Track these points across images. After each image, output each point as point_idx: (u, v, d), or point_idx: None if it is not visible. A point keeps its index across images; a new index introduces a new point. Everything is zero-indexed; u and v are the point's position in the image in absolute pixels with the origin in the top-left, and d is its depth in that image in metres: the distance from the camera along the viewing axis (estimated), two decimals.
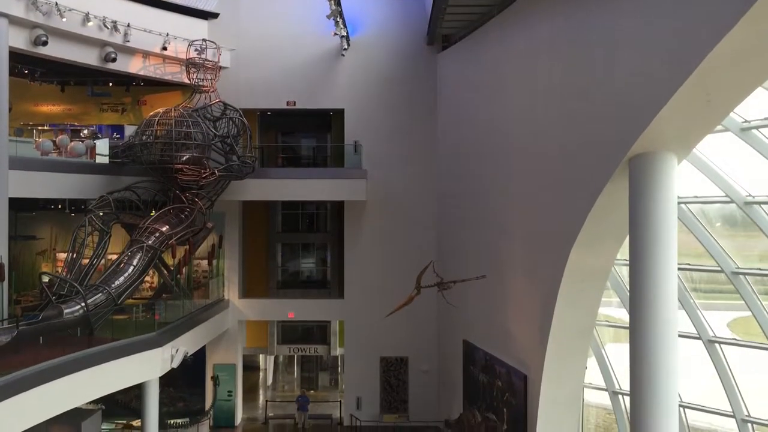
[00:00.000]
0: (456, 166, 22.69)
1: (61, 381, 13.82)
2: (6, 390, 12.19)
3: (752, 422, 13.90)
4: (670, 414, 12.02)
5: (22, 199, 20.28)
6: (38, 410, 13.19)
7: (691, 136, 10.36)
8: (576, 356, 16.26)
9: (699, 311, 14.16)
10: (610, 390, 16.87)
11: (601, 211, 13.11)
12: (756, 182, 11.58)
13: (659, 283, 11.94)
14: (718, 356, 14.05)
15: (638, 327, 12.13)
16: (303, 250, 28.90)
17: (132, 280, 18.45)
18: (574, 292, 15.24)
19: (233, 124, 22.53)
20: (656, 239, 11.57)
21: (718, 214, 14.36)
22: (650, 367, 12.00)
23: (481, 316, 20.65)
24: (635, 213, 11.60)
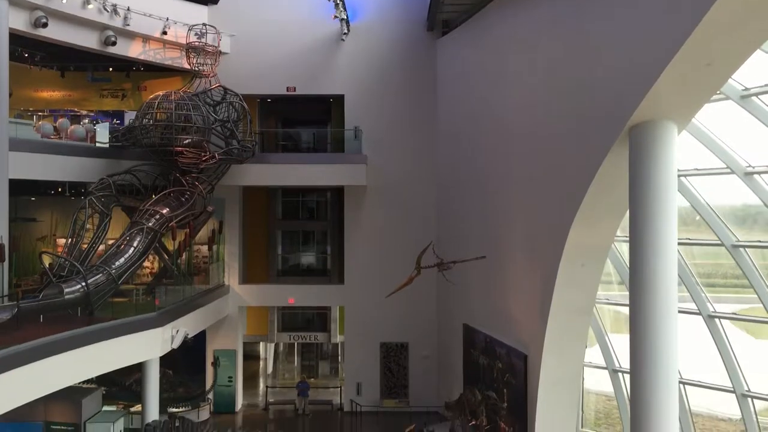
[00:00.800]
0: (456, 150, 22.69)
1: (61, 356, 13.85)
2: (6, 362, 12.20)
3: (752, 397, 13.91)
4: (670, 391, 12.03)
5: (22, 184, 20.29)
6: (38, 384, 13.22)
7: (692, 102, 10.36)
8: (576, 335, 16.29)
9: (699, 287, 14.16)
10: (610, 368, 16.87)
11: (601, 186, 13.13)
12: (756, 153, 11.57)
13: (659, 257, 11.94)
14: (718, 332, 14.05)
15: (638, 302, 12.13)
16: (303, 238, 28.91)
17: (132, 261, 18.45)
18: (573, 271, 15.27)
19: (233, 109, 22.52)
20: (657, 211, 11.56)
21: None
22: (650, 342, 12.01)
23: (481, 299, 20.68)
24: (635, 184, 11.60)
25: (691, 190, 13.31)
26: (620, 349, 17.71)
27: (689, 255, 14.73)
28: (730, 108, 11.51)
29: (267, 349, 31.74)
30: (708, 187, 12.93)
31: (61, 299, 16.11)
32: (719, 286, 15.12)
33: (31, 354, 12.95)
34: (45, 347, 13.41)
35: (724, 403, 18.48)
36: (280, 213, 28.52)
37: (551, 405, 16.58)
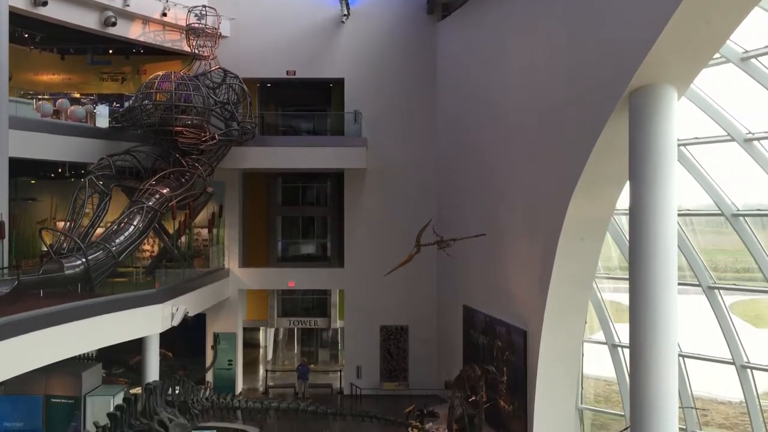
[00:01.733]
0: (456, 132, 22.72)
1: (61, 327, 13.83)
2: (6, 330, 12.20)
3: (751, 368, 13.93)
4: (670, 363, 11.99)
5: (22, 165, 20.29)
6: (38, 354, 13.21)
7: (692, 63, 10.37)
8: (575, 309, 16.30)
9: (699, 258, 14.17)
10: (609, 343, 16.90)
11: (601, 155, 13.14)
12: (756, 119, 11.58)
13: (659, 227, 11.93)
14: (718, 304, 14.07)
15: (638, 272, 12.13)
16: (303, 225, 28.95)
17: (132, 239, 18.44)
18: (573, 245, 15.28)
19: (233, 91, 22.53)
20: (656, 178, 11.55)
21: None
22: (650, 314, 12.00)
23: (481, 279, 20.71)
24: (635, 151, 11.59)
25: (691, 160, 13.34)
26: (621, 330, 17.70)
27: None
28: (730, 72, 11.53)
29: (267, 336, 31.75)
30: (707, 155, 12.96)
31: (62, 274, 16.10)
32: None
33: (32, 323, 12.94)
34: (45, 317, 13.39)
35: (724, 386, 18.60)
36: (280, 199, 28.55)
37: (551, 381, 16.60)
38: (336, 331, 30.89)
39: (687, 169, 13.26)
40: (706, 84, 11.93)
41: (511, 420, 18.06)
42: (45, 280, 15.78)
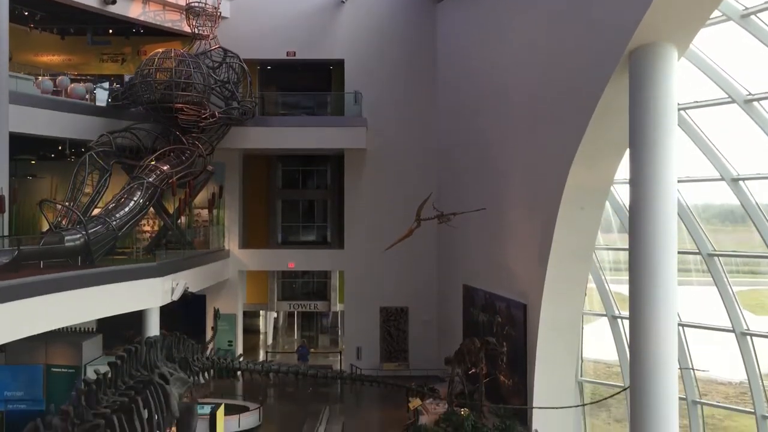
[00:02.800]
0: (456, 110, 22.72)
1: (62, 294, 13.82)
2: (6, 293, 12.20)
3: (751, 335, 13.94)
4: (669, 333, 11.97)
5: (23, 145, 20.33)
6: (39, 319, 13.18)
7: (691, 20, 10.36)
8: (575, 281, 16.32)
9: (699, 226, 14.18)
10: (609, 315, 16.91)
11: (602, 120, 13.17)
12: (756, 78, 11.58)
13: (659, 192, 11.94)
14: (717, 271, 14.08)
15: (637, 240, 12.12)
16: (303, 208, 28.94)
17: (132, 214, 18.47)
18: (573, 215, 15.30)
19: (233, 70, 22.53)
20: (657, 139, 11.55)
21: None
22: (649, 282, 11.99)
23: (480, 257, 20.72)
24: (636, 113, 11.59)
25: (691, 125, 13.34)
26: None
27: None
28: (730, 32, 11.53)
29: (267, 322, 31.76)
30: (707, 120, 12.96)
31: (62, 246, 16.10)
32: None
33: (32, 288, 12.93)
34: (46, 283, 13.40)
35: (724, 367, 18.62)
36: (280, 183, 28.55)
37: (550, 353, 16.61)
38: (336, 316, 30.93)
39: (687, 133, 13.26)
40: (705, 45, 11.92)
41: (511, 395, 18.08)
42: (45, 251, 15.79)
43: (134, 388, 8.81)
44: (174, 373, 9.74)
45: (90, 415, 8.01)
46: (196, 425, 10.19)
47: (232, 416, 18.26)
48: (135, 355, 9.23)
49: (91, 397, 8.24)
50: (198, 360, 10.87)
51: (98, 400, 8.28)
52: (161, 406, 9.09)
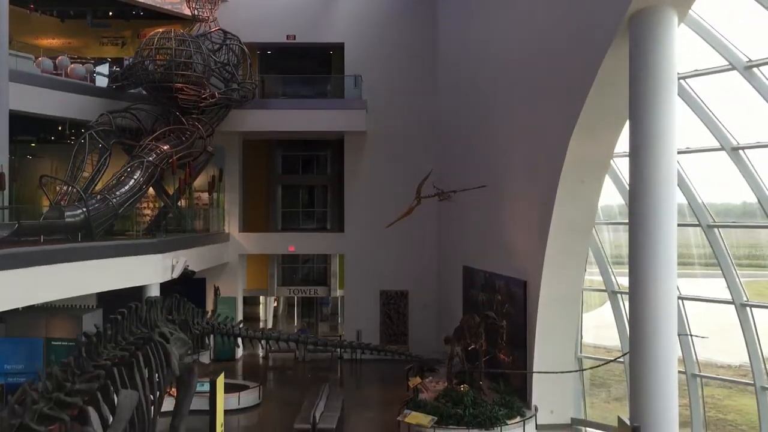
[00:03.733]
0: (455, 91, 22.71)
1: (61, 266, 13.83)
2: (6, 261, 12.21)
3: (750, 306, 13.94)
4: (669, 302, 11.95)
5: (23, 126, 20.35)
6: (38, 289, 13.18)
7: None
8: (575, 255, 16.32)
9: (698, 196, 14.17)
10: (609, 290, 16.91)
11: (602, 89, 13.14)
12: (756, 45, 11.58)
13: (659, 162, 11.93)
14: (717, 242, 14.07)
15: (637, 211, 12.11)
16: (303, 194, 28.95)
17: (133, 192, 18.49)
18: (573, 188, 15.30)
19: (233, 53, 22.54)
20: (657, 106, 11.54)
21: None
22: (649, 255, 11.98)
23: (480, 237, 20.71)
24: (636, 79, 11.56)
25: (691, 94, 13.32)
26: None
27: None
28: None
29: (267, 310, 31.72)
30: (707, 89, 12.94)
31: (62, 221, 16.12)
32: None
33: (31, 258, 12.95)
34: (46, 254, 13.43)
35: (723, 351, 18.63)
36: (280, 168, 28.56)
37: (550, 329, 16.62)
38: (336, 304, 30.91)
39: (686, 102, 13.24)
40: (705, 11, 11.92)
41: (510, 373, 18.08)
42: (45, 226, 15.79)
43: (134, 344, 8.81)
44: (174, 333, 9.75)
45: (90, 366, 8.03)
46: (196, 385, 10.20)
47: (232, 394, 18.30)
48: (135, 312, 9.24)
49: (91, 349, 8.26)
50: (198, 324, 10.86)
51: (98, 353, 8.30)
52: (161, 363, 9.09)
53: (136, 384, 8.48)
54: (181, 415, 9.72)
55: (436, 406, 16.14)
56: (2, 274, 11.99)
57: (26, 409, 7.16)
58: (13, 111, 17.68)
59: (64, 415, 7.34)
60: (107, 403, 7.94)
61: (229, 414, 16.22)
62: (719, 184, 13.93)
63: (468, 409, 15.63)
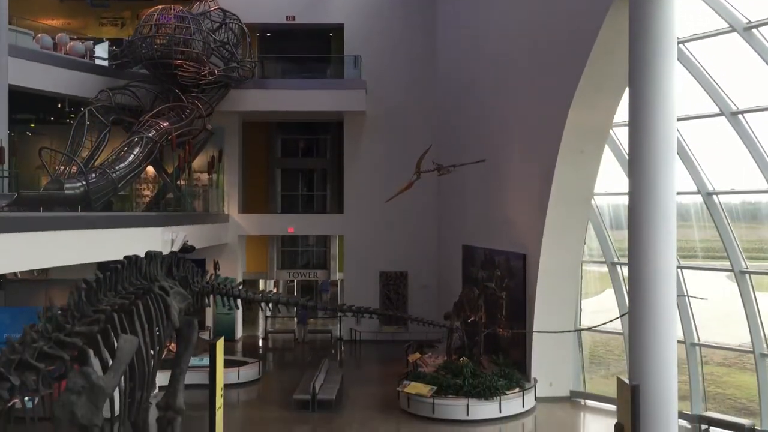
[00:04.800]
0: (455, 68, 22.72)
1: (60, 233, 13.75)
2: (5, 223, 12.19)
3: (749, 273, 13.95)
4: (668, 269, 11.85)
5: (22, 104, 20.33)
6: (36, 255, 13.09)
7: None
8: (575, 226, 16.35)
9: (698, 165, 14.17)
10: (608, 261, 16.91)
11: (601, 56, 13.18)
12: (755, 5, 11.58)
13: (658, 128, 11.91)
14: (717, 211, 14.08)
15: (637, 180, 12.07)
16: (303, 177, 28.97)
17: (132, 168, 18.50)
18: (572, 158, 15.32)
19: (232, 32, 22.53)
20: (657, 69, 11.50)
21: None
22: (648, 223, 11.95)
23: (480, 215, 20.72)
24: (635, 42, 11.56)
25: (689, 58, 13.32)
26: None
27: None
28: None
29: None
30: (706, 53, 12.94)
31: (62, 193, 16.11)
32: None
33: (31, 223, 12.90)
34: (45, 220, 13.40)
35: (723, 334, 18.68)
36: (279, 152, 28.57)
37: (550, 302, 16.63)
38: (336, 290, 30.90)
39: (686, 66, 13.24)
40: None
41: (509, 347, 18.11)
42: (44, 197, 15.79)
43: (134, 294, 8.82)
44: (174, 288, 9.75)
45: (90, 311, 8.04)
46: (195, 339, 10.21)
47: (232, 368, 18.34)
48: (135, 264, 9.24)
49: (91, 294, 8.27)
50: (198, 283, 10.87)
51: (98, 300, 8.31)
52: (161, 314, 9.10)
53: (136, 331, 8.49)
54: (181, 368, 9.72)
55: (435, 377, 16.17)
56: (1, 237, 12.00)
57: (26, 346, 7.17)
58: (13, 86, 17.69)
59: (64, 354, 7.35)
60: (107, 348, 7.94)
61: (228, 388, 16.21)
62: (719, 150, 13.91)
63: (467, 380, 15.66)
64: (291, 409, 16.05)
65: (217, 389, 12.90)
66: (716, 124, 13.37)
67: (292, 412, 15.96)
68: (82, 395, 7.35)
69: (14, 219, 12.50)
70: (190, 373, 15.87)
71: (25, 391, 6.97)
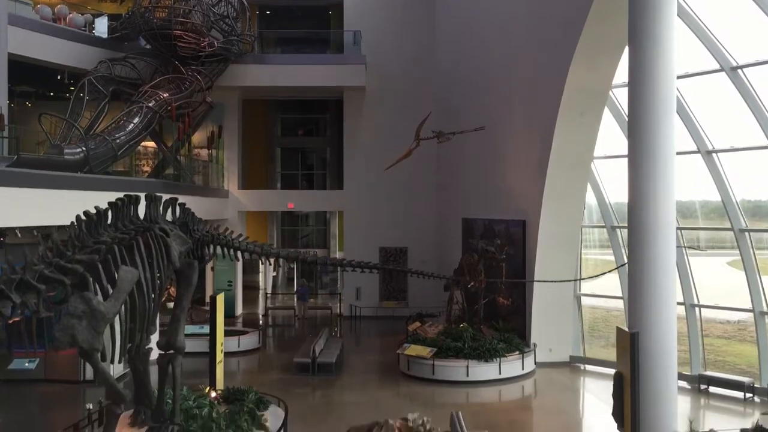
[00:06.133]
0: (455, 40, 22.75)
1: (60, 191, 13.82)
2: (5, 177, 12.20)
3: (749, 231, 13.97)
4: (668, 234, 11.80)
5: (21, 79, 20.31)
6: (30, 212, 13.10)
7: None
8: (574, 190, 16.37)
9: (697, 123, 14.18)
10: (608, 225, 16.94)
11: (600, 15, 13.18)
12: None
13: (659, 86, 11.88)
14: (716, 169, 14.10)
15: (636, 139, 12.04)
16: (302, 156, 28.98)
17: (132, 136, 18.45)
18: (572, 120, 15.34)
19: (232, 7, 22.50)
20: (657, 27, 11.50)
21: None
22: (648, 183, 11.94)
23: (479, 186, 20.71)
24: None
25: (689, 12, 13.33)
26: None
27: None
28: None
29: (266, 279, 31.69)
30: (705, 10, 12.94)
31: (61, 158, 16.09)
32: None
33: (29, 179, 12.93)
34: (44, 178, 13.43)
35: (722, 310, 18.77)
36: (279, 130, 28.56)
37: (549, 267, 16.65)
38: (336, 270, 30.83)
39: (685, 21, 13.24)
40: None
41: (510, 315, 18.13)
42: (44, 161, 15.78)
43: (135, 230, 8.81)
44: (174, 230, 9.75)
45: (90, 242, 8.04)
46: (196, 281, 10.20)
47: (232, 337, 18.38)
48: (135, 204, 9.23)
49: (92, 227, 8.26)
50: (198, 231, 10.85)
51: (98, 233, 8.30)
52: (162, 254, 9.09)
53: (137, 266, 8.48)
54: (182, 307, 9.69)
55: (435, 341, 16.20)
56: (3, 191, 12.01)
57: (27, 268, 7.18)
58: (12, 56, 17.69)
59: (65, 278, 7.35)
60: (108, 279, 7.94)
61: (229, 356, 16.29)
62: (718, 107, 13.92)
63: (467, 343, 15.70)
64: (291, 373, 16.10)
65: (217, 343, 12.98)
66: (716, 81, 13.39)
67: (292, 375, 16.00)
68: (83, 319, 7.36)
69: (14, 174, 12.52)
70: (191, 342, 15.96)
71: (25, 310, 6.97)
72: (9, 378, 14.93)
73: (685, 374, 15.13)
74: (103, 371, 7.65)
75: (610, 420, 11.17)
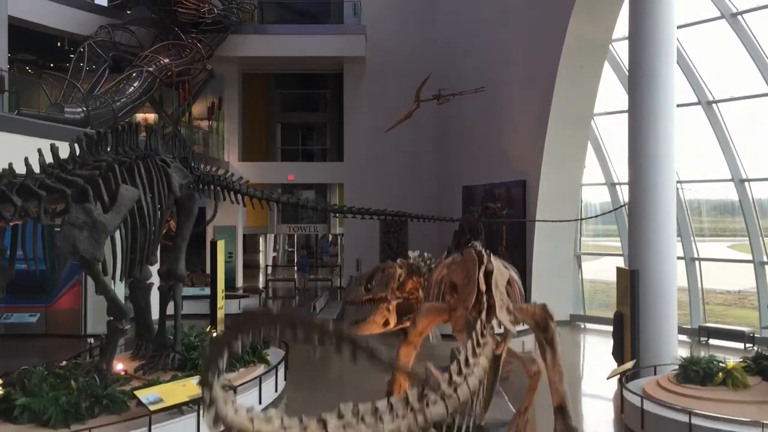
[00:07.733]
0: (455, 12, 22.65)
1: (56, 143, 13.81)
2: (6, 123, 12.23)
3: (749, 181, 13.99)
4: (668, 191, 11.77)
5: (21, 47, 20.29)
6: None
7: None
8: (574, 149, 16.38)
9: (697, 73, 14.20)
10: (608, 182, 16.96)
11: None
12: None
13: (659, 40, 11.88)
14: (716, 119, 14.12)
15: (636, 94, 12.05)
16: (302, 131, 28.96)
17: (131, 99, 18.49)
18: (572, 73, 15.32)
19: None
20: None
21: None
22: (648, 137, 11.93)
23: (479, 151, 20.68)
24: None
25: None
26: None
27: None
28: None
29: (266, 257, 31.75)
30: None
31: (61, 116, 16.14)
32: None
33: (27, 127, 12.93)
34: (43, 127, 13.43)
35: (722, 279, 18.78)
36: (279, 105, 28.54)
37: (549, 227, 16.63)
38: (336, 250, 30.91)
39: None
40: None
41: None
42: (45, 119, 15.80)
43: (136, 156, 8.81)
44: (175, 163, 9.75)
45: (91, 160, 8.05)
46: (196, 212, 10.20)
47: (232, 300, 18.39)
48: (135, 131, 9.22)
49: (92, 147, 8.27)
50: (198, 169, 10.85)
51: (99, 153, 8.31)
52: (162, 182, 9.08)
53: (137, 187, 8.49)
54: (183, 237, 9.70)
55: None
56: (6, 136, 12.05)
57: (28, 175, 7.19)
58: (12, 19, 17.72)
59: (65, 188, 7.36)
60: (108, 195, 7.94)
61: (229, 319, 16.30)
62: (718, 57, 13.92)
63: None
64: None
65: (218, 290, 13.00)
66: (716, 29, 13.39)
67: None
68: (84, 230, 7.37)
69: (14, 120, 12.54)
70: (189, 303, 15.99)
71: (26, 215, 6.98)
72: (9, 332, 14.98)
73: (685, 327, 15.12)
74: (103, 283, 7.67)
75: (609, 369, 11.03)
